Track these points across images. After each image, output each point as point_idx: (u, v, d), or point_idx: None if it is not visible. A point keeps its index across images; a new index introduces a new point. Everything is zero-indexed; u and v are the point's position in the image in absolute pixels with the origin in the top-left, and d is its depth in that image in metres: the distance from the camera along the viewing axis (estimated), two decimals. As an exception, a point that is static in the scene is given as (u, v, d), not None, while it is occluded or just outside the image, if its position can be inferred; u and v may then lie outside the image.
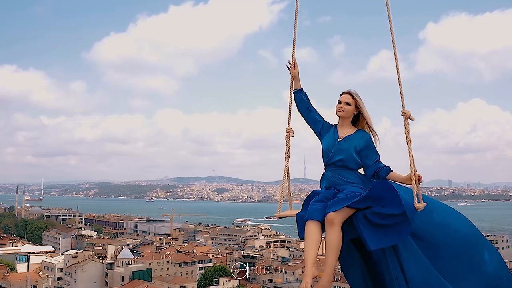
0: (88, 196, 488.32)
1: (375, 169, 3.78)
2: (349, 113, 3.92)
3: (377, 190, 3.46)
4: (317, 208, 3.49)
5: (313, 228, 3.44)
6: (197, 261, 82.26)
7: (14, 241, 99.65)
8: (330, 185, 3.83)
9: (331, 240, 3.38)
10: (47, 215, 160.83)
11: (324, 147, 3.94)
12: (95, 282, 71.85)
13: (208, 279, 69.87)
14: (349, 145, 3.83)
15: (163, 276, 72.57)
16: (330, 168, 3.89)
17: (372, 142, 3.88)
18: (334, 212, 3.39)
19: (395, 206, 3.36)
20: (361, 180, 3.83)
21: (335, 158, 3.84)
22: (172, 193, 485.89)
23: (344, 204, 3.43)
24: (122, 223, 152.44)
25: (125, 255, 78.00)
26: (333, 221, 3.38)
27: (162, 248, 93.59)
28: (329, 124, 4.07)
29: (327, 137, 3.97)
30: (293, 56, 4.21)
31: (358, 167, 3.89)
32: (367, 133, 3.92)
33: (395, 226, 3.38)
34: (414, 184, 3.50)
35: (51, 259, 79.49)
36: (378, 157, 3.84)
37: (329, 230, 3.39)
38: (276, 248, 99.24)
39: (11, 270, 73.74)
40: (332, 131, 3.99)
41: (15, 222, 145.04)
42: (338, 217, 3.39)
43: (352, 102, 3.90)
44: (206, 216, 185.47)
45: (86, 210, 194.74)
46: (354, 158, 3.82)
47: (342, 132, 3.94)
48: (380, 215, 3.39)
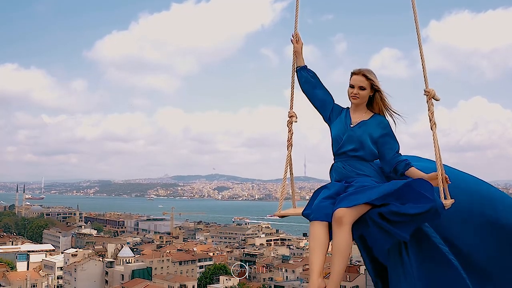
0: (89, 195, 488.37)
1: (394, 162, 3.25)
2: (364, 98, 3.35)
3: (411, 189, 2.97)
4: (324, 206, 2.98)
5: (319, 229, 2.94)
6: (197, 260, 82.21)
7: (14, 239, 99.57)
8: (341, 178, 3.31)
9: (339, 243, 2.88)
10: (47, 213, 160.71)
11: (334, 133, 3.41)
12: (95, 281, 71.72)
13: (208, 278, 69.71)
14: (364, 132, 3.30)
15: (163, 274, 72.44)
16: (340, 158, 3.36)
17: (391, 130, 3.33)
18: (344, 209, 2.88)
19: (421, 204, 2.90)
20: (377, 173, 3.31)
21: (346, 147, 3.31)
22: (173, 191, 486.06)
23: (358, 200, 2.91)
24: (123, 222, 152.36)
25: (125, 254, 77.85)
26: (342, 220, 2.86)
27: (162, 247, 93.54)
28: (340, 107, 3.52)
29: (337, 122, 3.43)
30: (296, 29, 3.73)
31: (374, 158, 3.34)
32: (385, 118, 3.37)
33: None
34: (440, 176, 3.05)
35: (51, 258, 79.36)
36: (398, 148, 3.30)
37: (336, 231, 2.89)
38: (277, 246, 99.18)
39: (11, 268, 73.59)
40: (344, 115, 3.44)
41: (15, 220, 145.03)
42: (348, 215, 2.87)
43: (367, 84, 3.32)
44: (206, 215, 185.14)
45: (87, 209, 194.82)
46: (370, 148, 3.28)
47: (356, 117, 3.39)
48: (402, 215, 2.91)
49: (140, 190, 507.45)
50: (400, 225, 2.94)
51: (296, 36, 3.70)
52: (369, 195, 2.95)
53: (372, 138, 3.29)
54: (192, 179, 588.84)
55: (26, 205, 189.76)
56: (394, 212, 2.91)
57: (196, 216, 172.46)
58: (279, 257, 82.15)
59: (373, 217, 2.96)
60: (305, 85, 3.60)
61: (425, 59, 3.31)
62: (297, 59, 3.69)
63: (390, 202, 2.94)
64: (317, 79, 3.61)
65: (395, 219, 2.93)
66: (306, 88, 3.60)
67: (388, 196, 2.95)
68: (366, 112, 3.41)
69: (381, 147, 3.30)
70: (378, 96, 3.38)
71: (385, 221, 2.95)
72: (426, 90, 3.24)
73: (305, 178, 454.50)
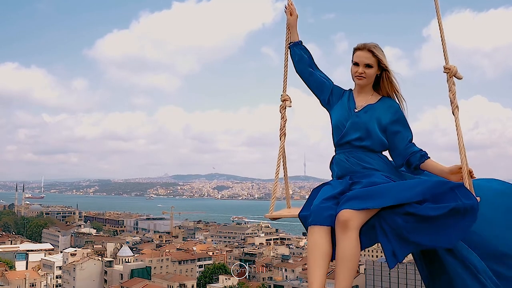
0: (88, 194, 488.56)
1: (408, 153, 2.73)
2: (371, 78, 2.83)
3: (438, 191, 2.44)
4: (326, 207, 2.46)
5: (319, 236, 2.43)
6: (197, 259, 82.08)
7: (13, 239, 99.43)
8: (344, 173, 2.78)
9: (345, 252, 2.37)
10: (46, 212, 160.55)
11: (335, 120, 2.89)
12: (94, 280, 71.59)
13: (207, 277, 69.62)
14: (371, 118, 2.78)
15: (162, 274, 72.31)
16: (343, 149, 2.83)
17: (403, 115, 2.81)
18: (350, 211, 2.37)
19: (445, 203, 2.39)
20: (387, 166, 2.79)
21: (350, 136, 2.79)
22: (172, 190, 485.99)
23: (369, 204, 2.39)
24: (122, 221, 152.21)
25: (125, 253, 77.73)
26: (348, 224, 2.36)
27: (161, 246, 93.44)
28: (341, 89, 3.01)
29: (338, 107, 2.91)
30: (290, 0, 3.22)
31: (383, 149, 2.82)
32: (395, 102, 2.86)
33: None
34: (466, 175, 2.57)
35: (50, 257, 79.21)
36: (411, 136, 2.79)
37: (341, 237, 2.38)
38: (276, 246, 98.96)
39: (10, 268, 73.47)
40: (346, 98, 2.93)
41: (15, 219, 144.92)
42: (355, 218, 2.36)
43: (373, 62, 2.79)
44: (206, 214, 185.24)
45: (86, 208, 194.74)
46: (378, 136, 2.76)
47: (361, 100, 2.87)
48: (421, 219, 2.39)
49: (140, 189, 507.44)
50: (421, 232, 2.41)
51: (289, 7, 3.20)
52: (384, 200, 2.42)
53: (380, 125, 2.78)
54: (192, 178, 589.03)
55: (26, 204, 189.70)
56: (411, 213, 2.39)
57: (195, 216, 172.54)
58: (279, 257, 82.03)
59: (385, 226, 2.44)
60: (299, 64, 3.11)
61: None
62: (291, 34, 3.19)
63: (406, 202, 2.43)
64: (311, 58, 3.13)
65: (413, 225, 2.39)
66: (301, 68, 3.10)
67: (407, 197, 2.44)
68: (372, 94, 2.90)
69: (391, 136, 2.79)
70: (385, 77, 2.86)
71: (401, 228, 2.40)
72: (446, 67, 2.77)
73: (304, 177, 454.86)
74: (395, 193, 2.43)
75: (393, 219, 2.42)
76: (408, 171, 2.81)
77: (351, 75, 2.87)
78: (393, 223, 2.42)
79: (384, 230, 2.44)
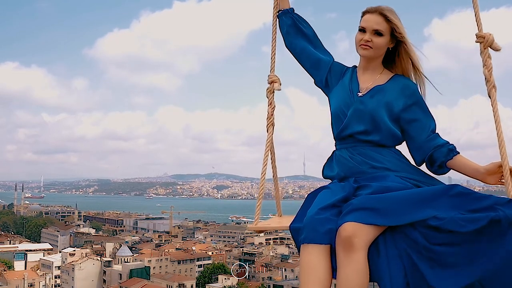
0: (88, 194, 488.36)
1: (431, 147, 2.10)
2: (380, 49, 2.18)
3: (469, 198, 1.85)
4: (323, 220, 1.82)
5: (315, 257, 1.80)
6: (196, 259, 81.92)
7: (12, 238, 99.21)
8: (348, 174, 2.14)
9: (348, 280, 1.75)
10: (46, 212, 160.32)
11: (334, 107, 2.25)
12: (92, 280, 71.42)
13: (207, 277, 69.35)
14: (379, 104, 2.14)
15: (161, 273, 72.13)
16: (346, 144, 2.20)
17: (421, 98, 2.18)
18: (355, 224, 1.76)
19: (479, 213, 1.78)
20: (403, 163, 2.15)
21: (353, 127, 2.15)
22: (172, 190, 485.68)
23: (379, 219, 1.78)
24: (121, 221, 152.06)
25: (124, 253, 77.54)
26: (352, 242, 1.74)
27: (161, 245, 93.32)
28: (343, 66, 2.35)
29: (339, 89, 2.27)
30: None
31: (396, 142, 2.20)
32: (412, 81, 2.21)
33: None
34: (508, 176, 1.96)
35: (48, 257, 79.01)
36: (433, 125, 2.15)
37: (345, 260, 1.75)
38: (276, 245, 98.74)
39: (9, 268, 73.33)
40: (348, 78, 2.27)
41: (14, 219, 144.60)
42: (362, 234, 1.75)
43: (385, 29, 2.15)
44: (205, 213, 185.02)
45: (85, 208, 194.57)
46: (388, 127, 2.13)
47: (366, 80, 2.23)
48: (449, 235, 1.76)
49: (139, 189, 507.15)
50: (457, 258, 1.77)
51: None
52: (401, 214, 1.80)
53: (391, 113, 2.13)
54: (192, 178, 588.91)
55: (25, 204, 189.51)
56: (434, 227, 1.76)
57: (195, 215, 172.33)
58: (278, 256, 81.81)
59: (405, 248, 1.80)
60: (289, 36, 2.45)
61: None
62: (279, 0, 2.52)
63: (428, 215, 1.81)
64: (308, 29, 2.45)
65: (438, 249, 1.75)
66: (291, 41, 2.44)
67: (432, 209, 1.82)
68: (382, 72, 2.24)
69: (407, 125, 2.16)
70: (402, 50, 2.20)
71: (424, 251, 1.76)
72: (480, 35, 2.12)
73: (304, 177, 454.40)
74: (416, 204, 1.82)
75: (413, 237, 1.78)
76: (431, 170, 2.17)
77: (355, 44, 2.21)
78: (414, 243, 1.77)
79: (407, 254, 1.78)
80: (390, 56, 2.24)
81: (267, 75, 2.51)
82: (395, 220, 1.78)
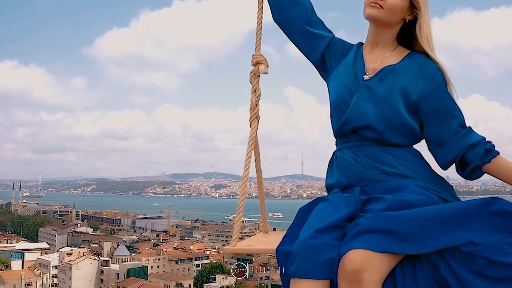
0: (86, 193, 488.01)
1: (462, 146, 1.58)
2: (393, 14, 1.64)
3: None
4: (320, 246, 1.34)
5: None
6: (194, 258, 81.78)
7: (9, 238, 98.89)
8: (352, 182, 1.63)
9: None
10: (43, 211, 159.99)
11: (334, 94, 1.72)
12: (90, 280, 71.27)
13: (205, 276, 69.23)
14: (391, 88, 1.62)
15: (159, 273, 72.00)
16: (348, 143, 1.68)
17: (445, 82, 1.64)
18: (365, 253, 1.29)
19: None
20: (422, 167, 1.64)
21: (357, 121, 1.63)
22: (170, 189, 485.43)
23: (396, 245, 1.31)
24: (119, 220, 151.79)
25: (121, 252, 77.39)
26: (361, 278, 1.27)
27: (159, 245, 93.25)
28: (345, 43, 1.84)
29: (340, 72, 1.75)
30: None
31: (414, 141, 1.68)
32: (432, 60, 1.65)
33: None
34: None
35: (45, 257, 78.79)
36: (462, 118, 1.62)
37: None
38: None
39: (6, 267, 73.12)
40: (352, 57, 1.75)
41: (12, 218, 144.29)
42: (374, 266, 1.28)
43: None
44: (203, 213, 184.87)
45: (83, 207, 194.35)
46: (403, 120, 1.60)
47: (374, 59, 1.70)
48: (490, 266, 1.31)
49: (137, 188, 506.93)
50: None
51: None
52: (425, 242, 1.32)
53: (408, 100, 1.61)
54: (190, 177, 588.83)
55: (23, 203, 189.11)
56: (467, 253, 1.32)
57: (193, 214, 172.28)
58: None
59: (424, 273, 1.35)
60: (276, 7, 1.91)
61: None
62: None
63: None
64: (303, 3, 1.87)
65: (471, 282, 1.30)
66: (279, 14, 1.90)
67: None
68: (395, 49, 1.71)
69: (427, 118, 1.63)
70: (420, 26, 1.66)
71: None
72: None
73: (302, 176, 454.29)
74: (446, 225, 1.34)
75: (438, 267, 1.33)
76: (462, 175, 1.65)
77: (363, 5, 1.68)
78: (438, 274, 1.33)
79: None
80: (405, 30, 1.72)
81: (252, 55, 1.97)
82: (419, 247, 1.32)
